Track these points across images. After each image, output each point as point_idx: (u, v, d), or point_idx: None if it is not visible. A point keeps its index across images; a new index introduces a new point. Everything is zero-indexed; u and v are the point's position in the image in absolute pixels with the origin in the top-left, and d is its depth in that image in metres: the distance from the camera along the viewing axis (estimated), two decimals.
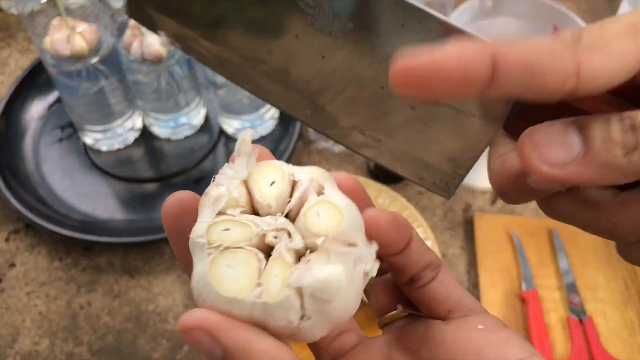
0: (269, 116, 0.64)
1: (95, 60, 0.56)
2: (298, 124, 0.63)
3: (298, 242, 0.19)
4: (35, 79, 0.70)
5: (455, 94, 0.16)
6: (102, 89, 0.59)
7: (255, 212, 0.20)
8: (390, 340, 0.23)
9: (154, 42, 0.54)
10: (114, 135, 0.65)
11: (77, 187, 0.63)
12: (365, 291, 0.23)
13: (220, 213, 0.20)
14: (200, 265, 0.19)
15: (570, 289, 0.54)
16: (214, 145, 0.66)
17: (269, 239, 0.19)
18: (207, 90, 0.67)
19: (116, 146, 0.66)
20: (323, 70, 0.23)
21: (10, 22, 0.81)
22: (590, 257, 0.57)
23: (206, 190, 0.20)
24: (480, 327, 0.21)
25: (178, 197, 0.22)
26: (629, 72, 0.17)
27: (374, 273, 0.20)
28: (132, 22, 0.55)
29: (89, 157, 0.66)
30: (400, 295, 0.24)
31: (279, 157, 0.74)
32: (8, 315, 0.56)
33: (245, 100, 0.60)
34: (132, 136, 0.66)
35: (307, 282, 0.18)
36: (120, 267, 0.59)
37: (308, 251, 0.19)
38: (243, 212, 0.20)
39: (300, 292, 0.18)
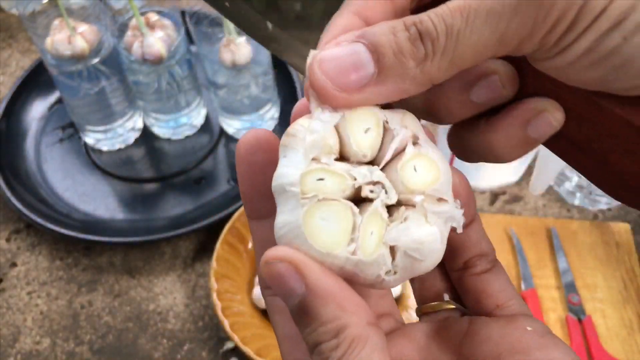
0: (269, 116, 0.65)
1: (96, 60, 0.57)
2: None
3: (394, 198, 0.18)
4: (36, 80, 0.70)
5: None
6: (102, 89, 0.59)
7: (345, 160, 0.19)
8: (430, 331, 0.22)
9: (154, 43, 0.55)
10: (115, 136, 0.65)
11: (78, 187, 0.63)
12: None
13: (313, 159, 0.18)
14: (290, 214, 0.18)
15: (569, 288, 0.55)
16: (214, 145, 0.66)
17: (365, 192, 0.18)
18: (208, 91, 0.67)
19: (117, 146, 0.66)
20: None
21: (11, 22, 0.82)
22: (589, 256, 0.57)
23: (289, 131, 0.19)
24: (529, 328, 0.20)
25: (257, 133, 0.20)
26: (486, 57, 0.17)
27: (461, 230, 0.19)
28: (132, 22, 0.55)
29: (89, 157, 0.66)
30: (448, 284, 0.23)
31: None
32: (9, 315, 0.56)
33: (246, 100, 0.61)
34: (132, 136, 0.67)
35: (403, 242, 0.18)
36: (121, 266, 0.59)
37: (403, 208, 0.18)
38: (336, 160, 0.19)
39: (393, 249, 0.18)
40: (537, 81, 0.19)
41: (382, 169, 0.19)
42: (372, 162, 0.19)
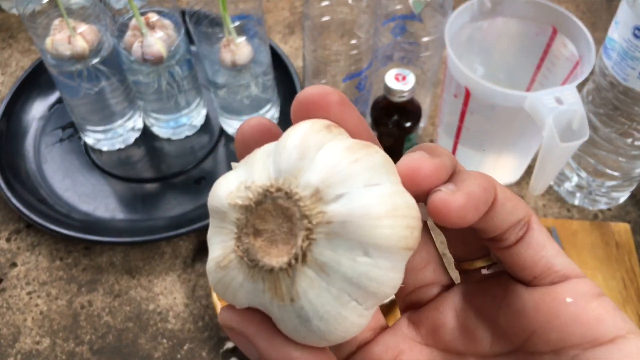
0: (269, 116, 0.65)
1: (96, 60, 0.57)
2: None
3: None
4: (36, 80, 0.70)
5: None
6: (102, 89, 0.59)
7: None
8: (467, 295, 0.20)
9: (154, 43, 0.55)
10: (115, 136, 0.65)
11: (78, 187, 0.64)
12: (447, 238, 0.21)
13: None
14: None
15: None
16: (214, 145, 0.66)
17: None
18: (208, 91, 0.67)
19: (117, 146, 0.66)
20: None
21: (11, 22, 0.82)
22: (588, 256, 0.57)
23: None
24: (568, 300, 0.18)
25: (261, 120, 0.19)
26: None
27: None
28: (132, 22, 0.55)
29: (89, 157, 0.66)
30: (484, 246, 0.21)
31: None
32: (9, 315, 0.56)
33: (246, 100, 0.61)
34: (132, 136, 0.67)
35: None
36: (121, 266, 0.59)
37: None
38: None
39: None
40: None
41: None
42: None
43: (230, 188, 0.16)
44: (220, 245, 0.16)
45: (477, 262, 0.21)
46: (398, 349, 0.20)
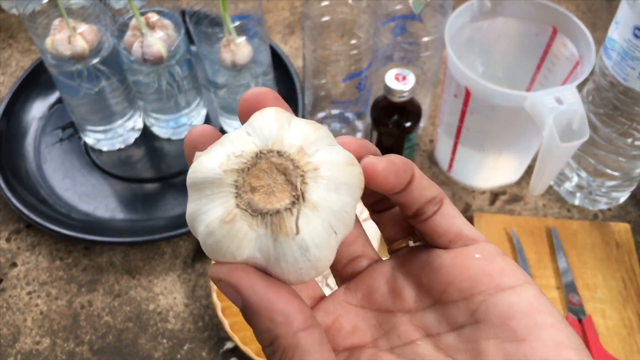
0: None
1: (96, 60, 0.57)
2: None
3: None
4: (36, 80, 0.70)
5: None
6: (102, 89, 0.59)
7: None
8: (396, 265, 0.24)
9: (154, 43, 0.55)
10: (115, 136, 0.65)
11: (78, 187, 0.64)
12: (379, 224, 0.26)
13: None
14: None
15: (569, 288, 0.55)
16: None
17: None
18: (208, 91, 0.67)
19: (117, 146, 0.66)
20: None
21: (11, 22, 0.82)
22: (589, 256, 0.57)
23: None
24: (477, 255, 0.22)
25: (205, 128, 0.22)
26: None
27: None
28: (132, 22, 0.55)
29: (89, 157, 0.66)
30: (408, 227, 0.25)
31: None
32: (9, 315, 0.56)
33: None
34: (132, 136, 0.67)
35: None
36: (121, 266, 0.59)
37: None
38: None
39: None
40: None
41: None
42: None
43: (219, 160, 0.20)
44: (220, 207, 0.19)
45: (404, 242, 0.25)
46: (337, 312, 0.24)
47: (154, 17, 0.56)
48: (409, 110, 0.58)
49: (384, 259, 0.25)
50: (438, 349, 0.22)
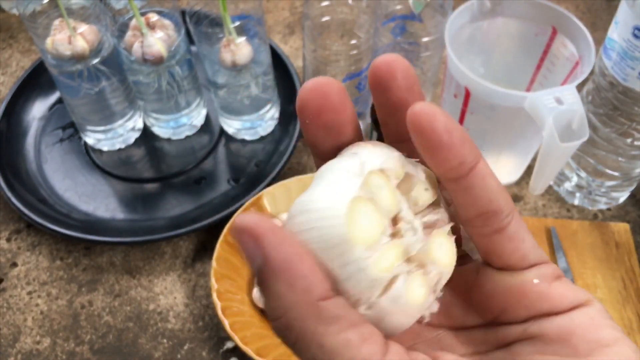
0: (269, 116, 0.65)
1: (96, 60, 0.57)
2: (298, 124, 0.64)
3: (415, 249, 0.19)
4: (36, 80, 0.70)
5: None
6: (103, 89, 0.59)
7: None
8: None
9: (154, 43, 0.55)
10: (115, 136, 0.65)
11: (78, 187, 0.64)
12: None
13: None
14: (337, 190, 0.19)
15: None
16: (214, 145, 0.66)
17: (401, 224, 0.19)
18: (208, 91, 0.67)
19: (117, 146, 0.66)
20: None
21: (11, 22, 0.82)
22: (588, 256, 0.57)
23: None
24: (535, 281, 0.19)
25: (322, 82, 0.20)
26: None
27: (434, 309, 0.20)
28: (133, 22, 0.55)
29: (90, 157, 0.66)
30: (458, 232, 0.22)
31: (279, 158, 0.73)
32: (9, 315, 0.56)
33: (246, 100, 0.61)
34: (133, 136, 0.67)
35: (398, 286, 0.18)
36: (121, 266, 0.59)
37: (414, 263, 0.19)
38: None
39: (389, 285, 0.18)
40: None
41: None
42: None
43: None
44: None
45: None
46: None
47: (154, 17, 0.56)
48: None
49: None
50: None
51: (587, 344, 0.18)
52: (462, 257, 0.21)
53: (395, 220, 0.19)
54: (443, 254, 0.19)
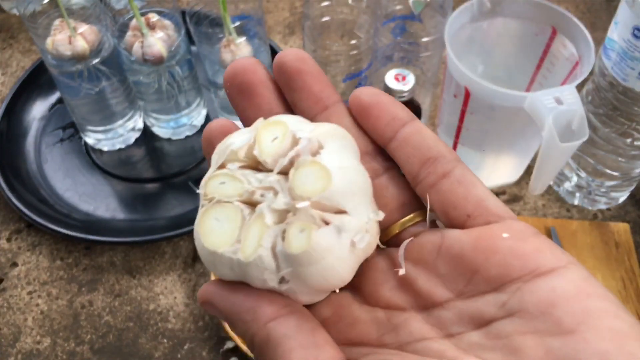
0: None
1: (96, 61, 0.57)
2: None
3: (281, 203, 0.18)
4: (36, 80, 0.70)
5: None
6: (103, 89, 0.59)
7: (259, 168, 0.20)
8: (402, 252, 0.20)
9: (155, 43, 0.55)
10: (115, 136, 0.65)
11: (78, 187, 0.64)
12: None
13: (221, 166, 0.20)
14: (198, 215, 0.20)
15: None
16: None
17: (256, 196, 0.19)
18: (208, 91, 0.67)
19: (117, 146, 0.66)
20: None
21: (12, 23, 0.82)
22: (588, 256, 0.57)
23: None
24: (505, 235, 0.17)
25: (220, 124, 0.22)
26: None
27: (362, 245, 0.18)
28: (133, 23, 0.55)
29: (90, 157, 0.66)
30: (412, 202, 0.21)
31: None
32: (10, 315, 0.56)
33: None
34: (133, 136, 0.67)
35: (279, 246, 0.18)
36: (122, 266, 0.59)
37: (291, 213, 0.18)
38: (243, 167, 0.20)
39: (275, 254, 0.18)
40: None
41: (286, 177, 0.19)
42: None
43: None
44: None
45: (409, 221, 0.21)
46: (336, 303, 0.21)
47: (154, 17, 0.56)
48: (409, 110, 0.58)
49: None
50: (459, 348, 0.17)
51: (571, 316, 0.15)
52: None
53: (252, 194, 0.19)
54: (310, 181, 0.18)
